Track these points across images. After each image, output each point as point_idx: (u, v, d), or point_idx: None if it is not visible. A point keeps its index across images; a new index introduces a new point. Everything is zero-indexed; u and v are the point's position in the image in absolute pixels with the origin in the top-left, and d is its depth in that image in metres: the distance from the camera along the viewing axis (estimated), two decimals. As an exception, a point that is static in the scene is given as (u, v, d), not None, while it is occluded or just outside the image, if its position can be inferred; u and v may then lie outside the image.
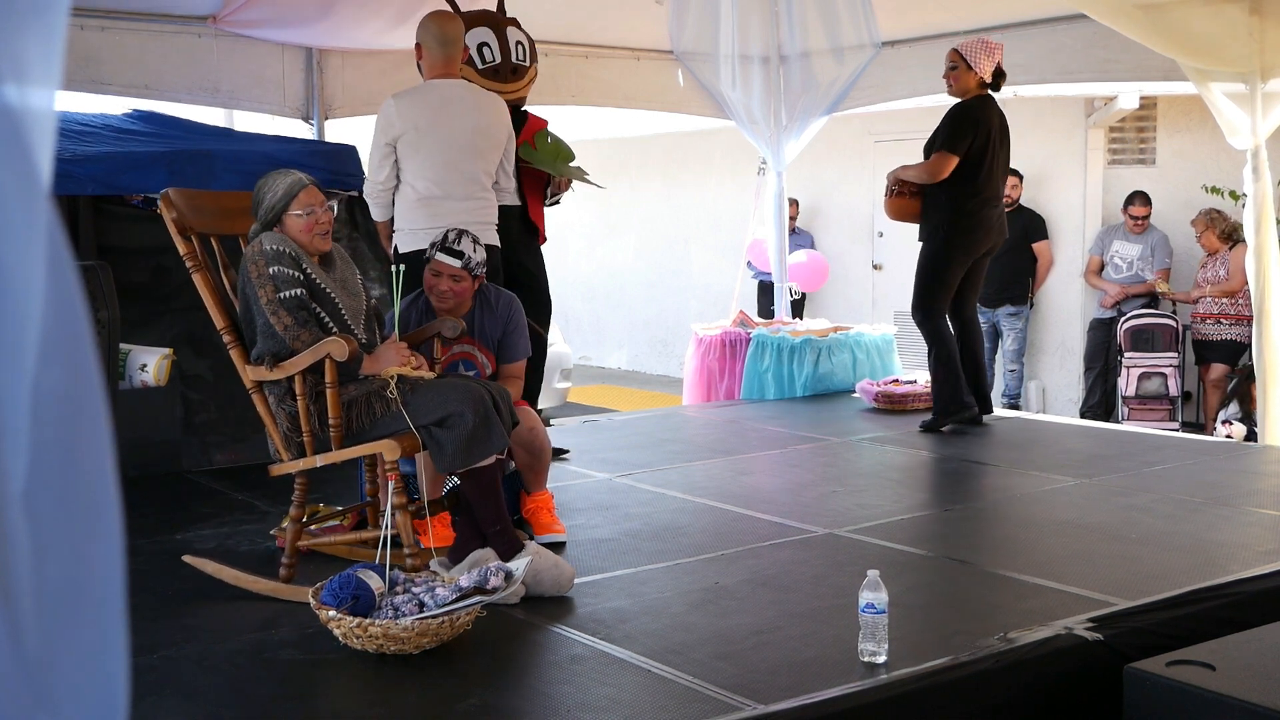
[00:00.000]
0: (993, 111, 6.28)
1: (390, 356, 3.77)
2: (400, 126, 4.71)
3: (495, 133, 4.91)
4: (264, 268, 3.66)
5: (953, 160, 6.18)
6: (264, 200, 3.79)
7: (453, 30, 4.89)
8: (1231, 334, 8.59)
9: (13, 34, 0.78)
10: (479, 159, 4.84)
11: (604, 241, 14.03)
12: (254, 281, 3.67)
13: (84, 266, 4.24)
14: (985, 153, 6.21)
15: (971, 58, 6.23)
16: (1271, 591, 3.72)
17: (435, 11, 4.99)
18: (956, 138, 6.20)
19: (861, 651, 3.08)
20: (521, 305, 4.56)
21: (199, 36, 6.40)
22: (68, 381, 0.81)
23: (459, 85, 4.89)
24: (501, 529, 3.77)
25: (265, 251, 3.68)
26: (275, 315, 3.64)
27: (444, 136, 4.74)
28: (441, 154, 4.74)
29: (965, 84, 6.29)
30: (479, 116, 4.85)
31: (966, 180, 6.23)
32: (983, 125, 6.20)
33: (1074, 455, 5.93)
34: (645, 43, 8.15)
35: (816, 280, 10.75)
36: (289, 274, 3.67)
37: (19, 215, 0.77)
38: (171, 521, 4.69)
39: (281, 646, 3.34)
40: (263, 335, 3.71)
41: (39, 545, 0.80)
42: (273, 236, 3.73)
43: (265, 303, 3.65)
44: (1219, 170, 8.95)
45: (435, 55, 4.87)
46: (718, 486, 5.31)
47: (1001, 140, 6.33)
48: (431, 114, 4.74)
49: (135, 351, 5.48)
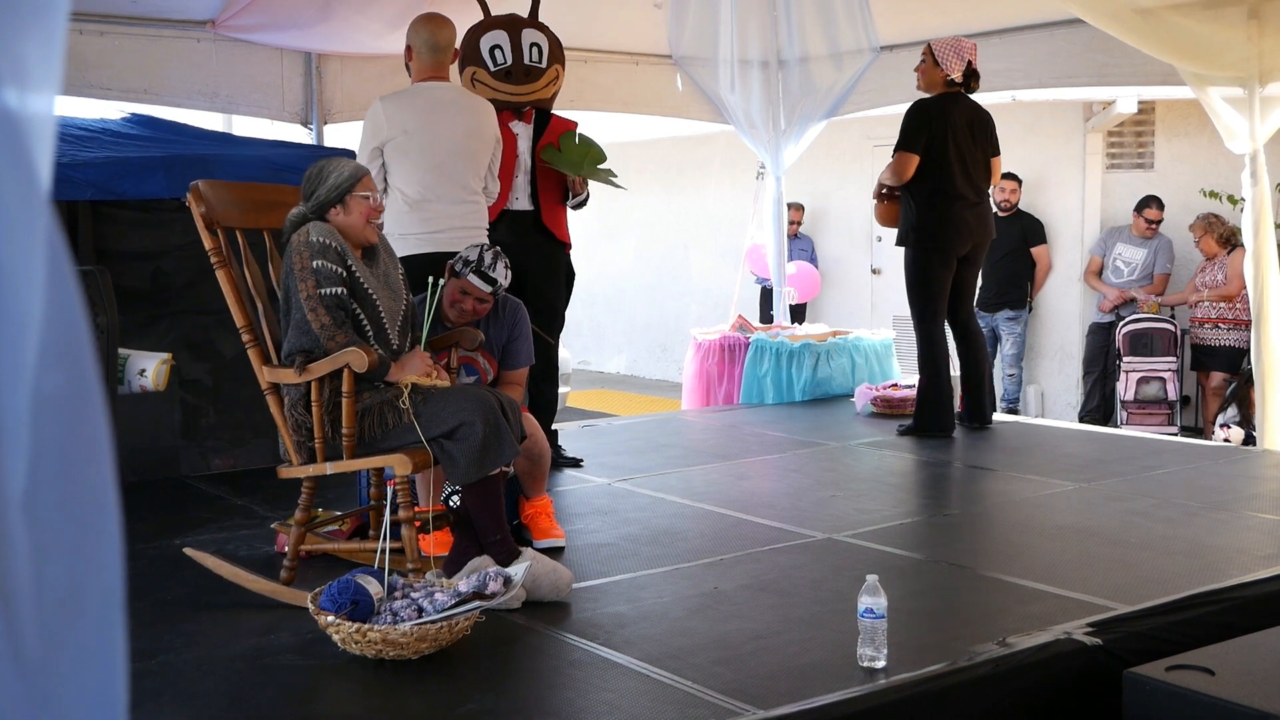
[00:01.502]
0: (957, 109, 6.22)
1: (415, 365, 3.76)
2: (389, 130, 4.71)
3: (484, 135, 4.91)
4: (308, 260, 3.61)
5: (911, 159, 6.15)
6: (327, 179, 3.73)
7: (444, 35, 4.89)
8: (1230, 339, 8.59)
9: (12, 38, 0.78)
10: (469, 162, 4.84)
11: (603, 246, 14.03)
12: (296, 274, 3.62)
13: (83, 271, 4.24)
14: (945, 150, 6.17)
15: (940, 55, 6.23)
16: (1271, 596, 3.72)
17: (426, 14, 4.99)
18: (910, 136, 6.18)
19: (861, 656, 3.08)
20: (527, 313, 4.56)
21: (198, 41, 6.41)
22: (67, 386, 0.81)
23: (448, 88, 4.89)
24: (500, 538, 3.77)
25: (311, 243, 3.62)
26: (314, 312, 3.60)
27: (433, 140, 4.74)
28: (431, 157, 4.73)
29: (930, 79, 6.29)
30: (468, 119, 4.85)
31: (929, 179, 6.19)
32: (937, 122, 6.15)
33: (1073, 460, 5.93)
34: (644, 47, 8.16)
35: (809, 291, 10.77)
36: (333, 270, 3.62)
37: (19, 219, 0.77)
38: (170, 526, 4.68)
39: (281, 652, 3.33)
40: (296, 330, 3.67)
41: (38, 550, 0.80)
42: (320, 228, 3.66)
43: (305, 297, 3.60)
44: (1217, 174, 8.95)
45: (425, 59, 4.88)
46: (716, 491, 5.31)
47: (973, 138, 6.26)
48: (421, 117, 4.74)
49: (134, 356, 5.47)
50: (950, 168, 6.18)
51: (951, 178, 6.19)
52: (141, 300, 5.62)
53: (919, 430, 6.39)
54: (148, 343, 5.59)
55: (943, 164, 6.17)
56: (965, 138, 6.21)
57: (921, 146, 6.14)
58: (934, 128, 6.15)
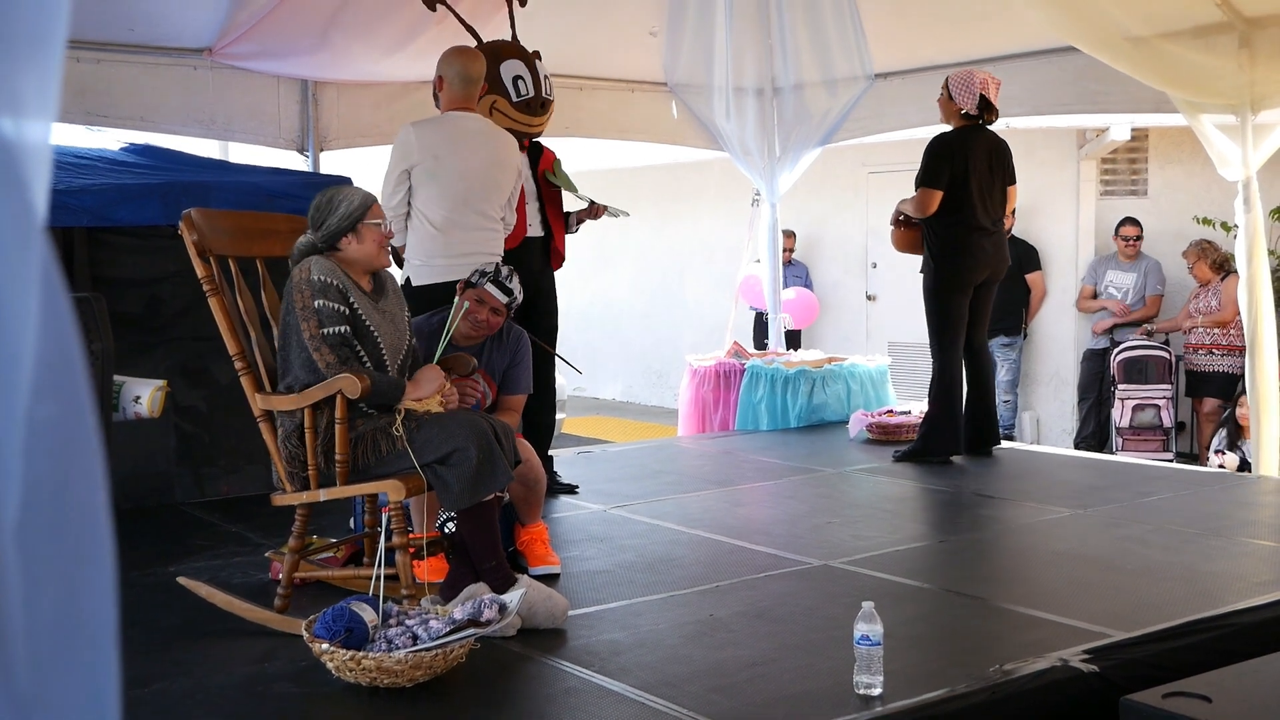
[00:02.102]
0: (975, 141, 6.29)
1: (430, 377, 3.75)
2: (419, 155, 4.78)
3: (508, 166, 5.04)
4: (309, 299, 3.61)
5: (934, 194, 6.22)
6: (338, 208, 3.72)
7: (476, 68, 4.99)
8: (1224, 365, 8.60)
9: (8, 67, 0.78)
10: (493, 192, 4.96)
11: (599, 272, 14.05)
12: (298, 313, 3.62)
13: (78, 298, 4.24)
14: (967, 182, 6.23)
15: (954, 89, 6.29)
16: (1268, 623, 3.71)
17: (459, 47, 5.09)
18: (931, 171, 6.25)
19: (857, 684, 3.07)
20: (530, 342, 4.59)
21: (194, 69, 6.42)
22: (60, 415, 0.81)
23: (476, 119, 4.98)
24: (496, 564, 3.75)
25: (313, 282, 3.62)
26: (318, 351, 3.60)
27: (461, 167, 4.83)
28: (458, 184, 4.83)
29: (946, 112, 6.39)
30: (495, 150, 4.97)
31: (951, 210, 6.25)
32: (958, 155, 6.22)
33: (1068, 486, 5.93)
34: (639, 74, 8.19)
35: (806, 317, 10.78)
36: (334, 309, 3.62)
37: (13, 247, 0.77)
38: (164, 554, 4.66)
39: (275, 680, 3.32)
40: (304, 369, 3.67)
41: (30, 578, 0.80)
42: (321, 265, 3.65)
43: (309, 338, 3.59)
44: (1210, 201, 8.98)
45: (456, 90, 4.96)
46: (712, 518, 5.30)
47: (992, 169, 6.33)
48: (450, 145, 4.84)
49: (129, 383, 5.47)
50: (970, 199, 6.25)
51: (971, 209, 6.26)
52: (137, 327, 5.62)
53: (922, 454, 6.39)
54: (143, 369, 5.60)
55: (963, 196, 6.23)
56: (984, 169, 6.29)
57: (944, 181, 6.20)
58: (955, 162, 6.21)
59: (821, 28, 7.81)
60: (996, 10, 6.78)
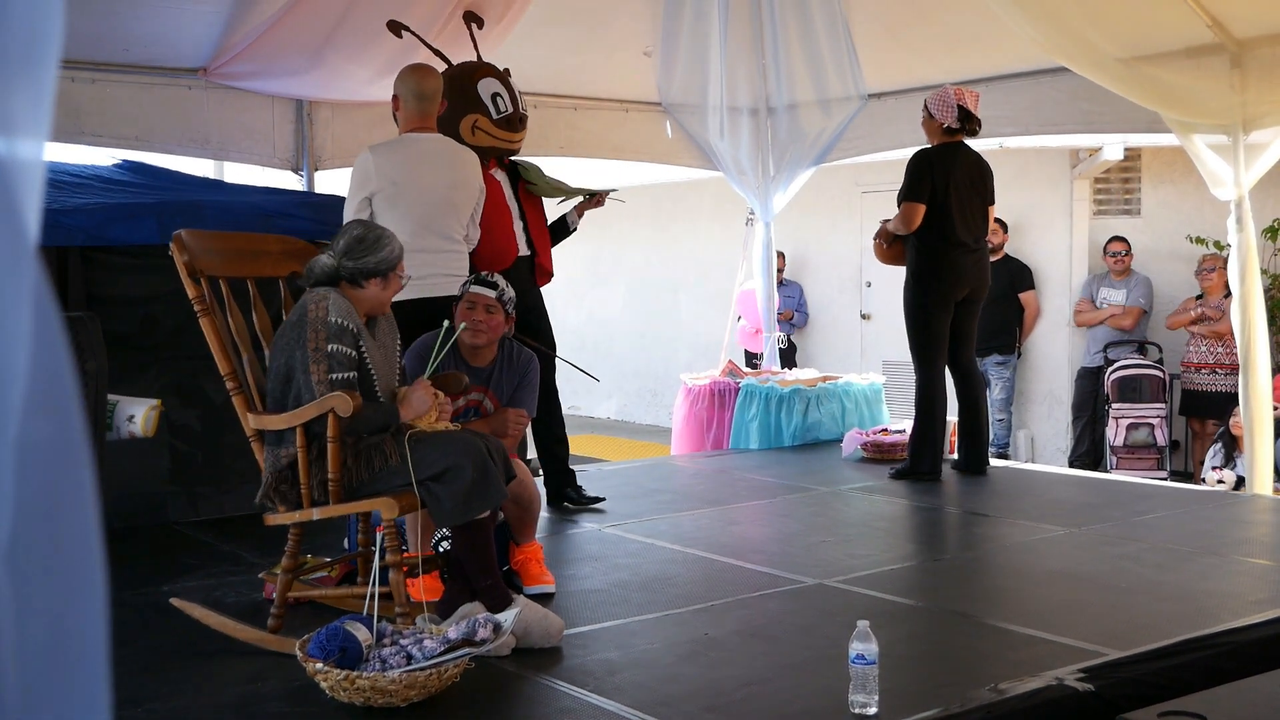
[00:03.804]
0: (956, 157, 6.31)
1: (420, 395, 3.74)
2: (377, 182, 4.79)
3: (469, 186, 5.03)
4: (323, 342, 3.58)
5: (918, 208, 6.24)
6: (381, 250, 3.71)
7: (430, 85, 4.99)
8: (1225, 384, 8.50)
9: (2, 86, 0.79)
10: (454, 212, 4.96)
11: (593, 291, 14.06)
12: (309, 352, 3.59)
13: (72, 317, 4.22)
14: (947, 198, 6.25)
15: (933, 107, 6.33)
16: (1263, 641, 3.71)
17: (414, 65, 5.08)
18: (913, 185, 6.27)
19: (852, 703, 3.06)
20: (539, 368, 4.60)
21: (189, 88, 6.44)
22: (53, 435, 0.81)
23: (434, 139, 4.97)
24: (492, 583, 3.75)
25: (330, 324, 3.59)
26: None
27: (420, 192, 4.83)
28: (418, 209, 4.83)
29: (929, 130, 6.41)
30: (454, 171, 4.96)
31: (931, 226, 6.27)
32: (939, 170, 6.25)
33: (1063, 504, 5.93)
34: (634, 94, 8.21)
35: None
36: (347, 354, 3.61)
37: (5, 267, 0.77)
38: (157, 573, 4.65)
39: (268, 700, 3.31)
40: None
41: (21, 598, 0.79)
42: (340, 307, 3.62)
43: (316, 381, 3.58)
44: (1203, 220, 9.01)
45: (411, 108, 4.97)
46: (707, 536, 5.30)
47: (972, 185, 6.35)
48: (409, 168, 4.82)
49: (123, 402, 5.44)
50: (950, 214, 6.26)
51: (951, 224, 6.27)
52: (131, 346, 5.60)
53: (912, 472, 6.40)
54: (137, 388, 5.57)
55: (944, 211, 6.25)
56: (965, 186, 6.30)
57: (926, 195, 6.21)
58: (935, 176, 6.23)
59: (815, 48, 7.84)
60: (989, 31, 6.81)
